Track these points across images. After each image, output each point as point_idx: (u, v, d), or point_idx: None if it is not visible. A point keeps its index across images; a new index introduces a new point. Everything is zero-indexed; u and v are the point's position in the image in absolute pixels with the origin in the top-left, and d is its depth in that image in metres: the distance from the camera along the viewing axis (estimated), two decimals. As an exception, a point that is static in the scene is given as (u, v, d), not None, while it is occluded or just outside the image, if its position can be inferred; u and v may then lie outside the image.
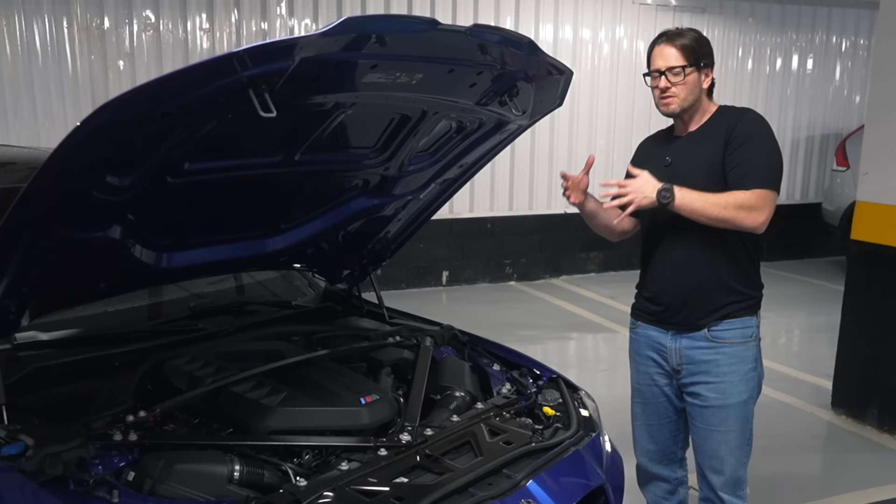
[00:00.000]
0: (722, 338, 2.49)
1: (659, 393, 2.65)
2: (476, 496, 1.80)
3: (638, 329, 2.68)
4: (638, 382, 2.71)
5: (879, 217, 4.20)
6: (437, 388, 2.31)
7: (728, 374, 2.48)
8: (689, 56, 2.40)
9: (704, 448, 2.57)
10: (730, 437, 2.52)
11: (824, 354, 5.03)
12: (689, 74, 2.40)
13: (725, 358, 2.48)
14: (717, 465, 2.55)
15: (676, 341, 2.54)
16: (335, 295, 3.04)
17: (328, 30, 1.55)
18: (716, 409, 2.50)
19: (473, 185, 7.38)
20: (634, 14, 8.00)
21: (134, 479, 1.71)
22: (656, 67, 2.43)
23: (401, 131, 2.23)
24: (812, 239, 8.72)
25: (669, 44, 2.42)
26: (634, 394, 2.74)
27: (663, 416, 2.67)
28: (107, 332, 2.43)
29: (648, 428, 2.71)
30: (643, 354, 2.66)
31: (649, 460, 2.75)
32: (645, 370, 2.66)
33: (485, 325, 3.87)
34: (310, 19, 6.82)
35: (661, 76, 2.41)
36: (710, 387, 2.50)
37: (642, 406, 2.71)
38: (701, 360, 2.50)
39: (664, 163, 2.49)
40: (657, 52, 2.44)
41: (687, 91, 2.42)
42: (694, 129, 2.51)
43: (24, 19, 5.95)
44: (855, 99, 9.40)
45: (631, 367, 2.74)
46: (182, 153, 1.81)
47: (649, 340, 2.62)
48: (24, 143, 5.59)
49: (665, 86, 2.41)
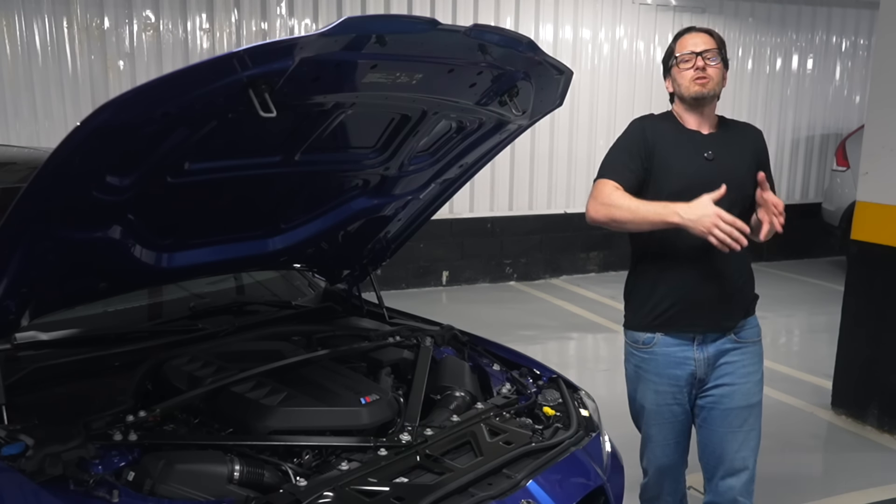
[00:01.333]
0: (745, 337, 2.50)
1: (679, 411, 2.53)
2: (476, 496, 1.79)
3: (654, 347, 2.49)
4: (656, 404, 2.53)
5: (879, 217, 4.20)
6: (437, 388, 2.31)
7: (752, 373, 2.50)
8: (720, 46, 2.46)
9: (724, 452, 2.50)
10: (751, 436, 2.51)
11: (824, 354, 5.03)
12: (719, 62, 2.45)
13: (749, 357, 2.49)
14: (738, 465, 2.51)
15: (703, 351, 2.47)
16: (335, 295, 3.04)
17: (328, 30, 1.55)
18: (740, 410, 2.48)
19: (473, 185, 7.38)
20: (634, 14, 8.00)
21: (134, 479, 1.71)
22: (691, 50, 2.44)
23: (401, 131, 2.23)
24: (812, 239, 8.73)
25: (703, 33, 2.48)
26: (650, 416, 2.55)
27: (680, 434, 2.57)
28: (107, 332, 2.43)
29: (665, 448, 2.58)
30: (663, 374, 2.49)
31: (662, 477, 2.63)
32: (666, 390, 2.50)
33: (485, 325, 3.87)
34: (310, 19, 6.82)
35: (698, 57, 2.43)
36: (734, 388, 2.47)
37: (658, 427, 2.55)
38: (726, 363, 2.48)
39: (706, 157, 2.44)
40: (690, 37, 2.47)
41: (718, 77, 2.46)
42: (715, 130, 2.51)
43: (24, 19, 5.95)
44: (855, 99, 9.40)
45: (644, 387, 2.54)
46: (182, 153, 1.81)
47: (670, 357, 2.47)
48: (24, 143, 5.59)
49: (702, 65, 2.43)
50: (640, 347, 2.54)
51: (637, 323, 2.55)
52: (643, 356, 2.53)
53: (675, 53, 2.48)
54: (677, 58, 2.47)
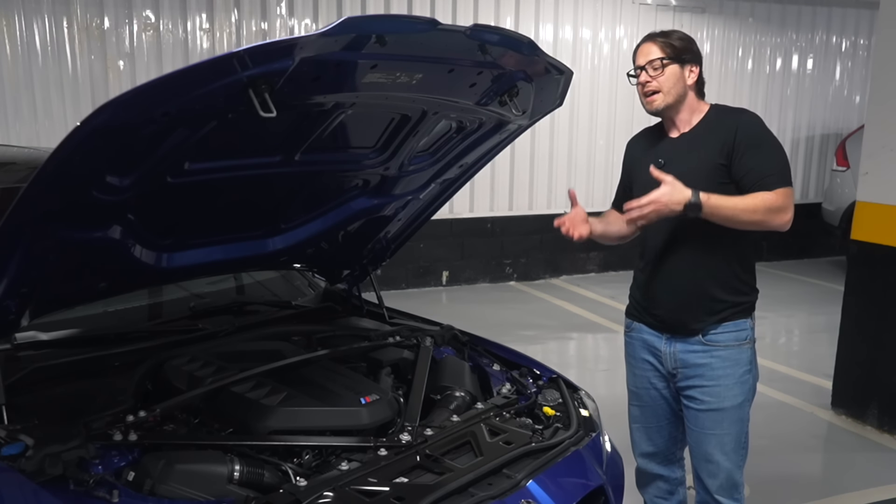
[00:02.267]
0: (716, 341, 2.47)
1: (657, 396, 2.64)
2: (476, 496, 1.80)
3: (632, 332, 2.66)
4: (635, 385, 2.69)
5: (879, 217, 4.20)
6: (437, 388, 2.31)
7: (722, 377, 2.47)
8: (667, 50, 2.41)
9: (699, 451, 2.56)
10: (725, 440, 2.50)
11: (824, 354, 5.03)
12: (667, 66, 2.39)
13: (719, 361, 2.47)
14: (712, 468, 2.53)
15: (671, 345, 2.53)
16: (335, 295, 3.04)
17: (328, 30, 1.56)
18: (710, 412, 2.49)
19: (473, 185, 7.38)
20: (634, 14, 8.00)
21: (134, 479, 1.71)
22: (637, 65, 2.45)
23: (401, 131, 2.23)
24: (812, 239, 8.73)
25: (649, 41, 2.44)
26: (632, 396, 2.72)
27: (661, 419, 2.66)
28: (107, 332, 2.43)
29: (647, 430, 2.70)
30: (639, 357, 2.64)
31: (648, 461, 2.74)
32: (642, 373, 2.65)
33: (485, 325, 3.87)
34: (310, 19, 6.82)
35: (642, 71, 2.43)
36: (704, 390, 2.49)
37: (640, 409, 2.70)
38: (695, 364, 2.49)
39: (657, 164, 2.41)
40: (639, 51, 2.46)
41: (669, 84, 2.40)
42: (687, 131, 2.47)
43: (24, 19, 5.95)
44: (855, 99, 9.40)
45: (627, 369, 2.73)
46: (182, 153, 1.81)
47: (644, 343, 2.62)
48: (24, 143, 5.59)
49: (645, 80, 2.42)
50: (626, 331, 2.72)
51: (627, 309, 2.72)
52: (627, 339, 2.71)
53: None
54: (630, 75, 2.49)
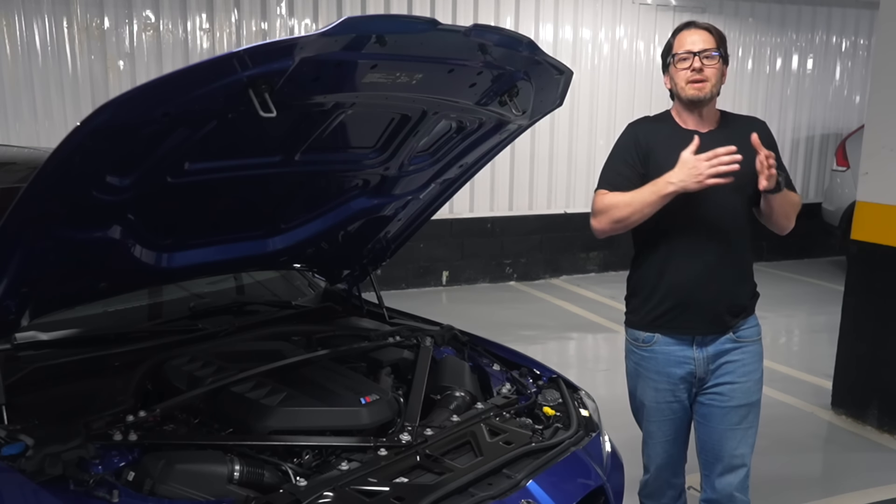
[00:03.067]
0: (745, 336, 2.50)
1: (678, 408, 2.55)
2: (476, 496, 1.80)
3: (654, 346, 2.51)
4: (655, 401, 2.55)
5: (879, 217, 4.20)
6: (437, 388, 2.31)
7: (752, 371, 2.51)
8: (719, 44, 2.40)
9: (721, 449, 2.53)
10: (749, 433, 2.53)
11: (824, 354, 5.02)
12: (719, 59, 2.40)
13: (749, 356, 2.50)
14: (737, 462, 2.53)
15: (702, 350, 2.48)
16: (335, 295, 3.04)
17: (328, 30, 1.55)
18: (740, 408, 2.50)
19: (473, 185, 7.37)
20: (634, 14, 8.00)
21: (134, 479, 1.71)
22: (688, 49, 2.39)
23: (401, 131, 2.23)
24: (812, 239, 8.72)
25: (703, 30, 2.41)
26: (650, 413, 2.58)
27: (680, 430, 2.61)
28: (107, 332, 2.43)
29: (665, 444, 2.60)
30: (662, 373, 2.51)
31: (662, 472, 2.66)
32: (666, 387, 2.52)
33: (485, 325, 3.87)
34: (310, 19, 6.82)
35: (695, 57, 2.38)
36: (735, 387, 2.49)
37: (658, 424, 2.58)
38: (728, 362, 2.49)
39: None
40: (688, 34, 2.41)
41: (716, 77, 2.40)
42: (716, 129, 2.46)
43: (24, 19, 5.95)
44: (855, 99, 9.39)
45: (642, 385, 2.58)
46: (182, 153, 1.81)
47: (669, 356, 2.49)
48: (24, 143, 5.59)
49: (699, 66, 2.37)
50: (640, 346, 2.56)
51: (637, 322, 2.56)
52: (643, 354, 2.55)
53: (672, 51, 2.44)
54: (675, 56, 2.42)
